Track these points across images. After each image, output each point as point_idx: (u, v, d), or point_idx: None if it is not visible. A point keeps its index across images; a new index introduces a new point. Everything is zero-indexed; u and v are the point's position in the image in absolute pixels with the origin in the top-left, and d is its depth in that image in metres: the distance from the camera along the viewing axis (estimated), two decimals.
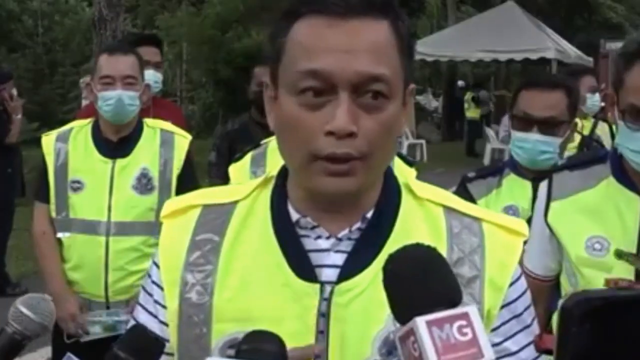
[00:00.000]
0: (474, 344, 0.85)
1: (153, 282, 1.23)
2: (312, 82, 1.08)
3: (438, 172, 12.04)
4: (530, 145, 2.54)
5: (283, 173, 1.21)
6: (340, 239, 1.15)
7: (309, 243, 1.16)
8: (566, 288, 2.07)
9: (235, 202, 1.21)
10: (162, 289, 1.21)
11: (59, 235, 3.13)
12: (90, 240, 3.08)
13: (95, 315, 3.13)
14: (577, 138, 4.18)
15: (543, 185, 2.10)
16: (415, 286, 0.91)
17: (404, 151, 16.60)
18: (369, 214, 1.15)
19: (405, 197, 1.19)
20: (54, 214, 3.13)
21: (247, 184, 1.26)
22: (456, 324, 0.86)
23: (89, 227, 3.08)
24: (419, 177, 1.25)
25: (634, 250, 1.88)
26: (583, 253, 1.95)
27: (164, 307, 1.21)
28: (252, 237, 1.18)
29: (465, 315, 0.87)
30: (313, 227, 1.16)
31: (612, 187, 1.95)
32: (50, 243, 3.15)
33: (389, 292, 0.94)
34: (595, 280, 1.87)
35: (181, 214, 1.22)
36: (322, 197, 1.13)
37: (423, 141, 17.64)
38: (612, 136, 4.72)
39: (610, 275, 1.82)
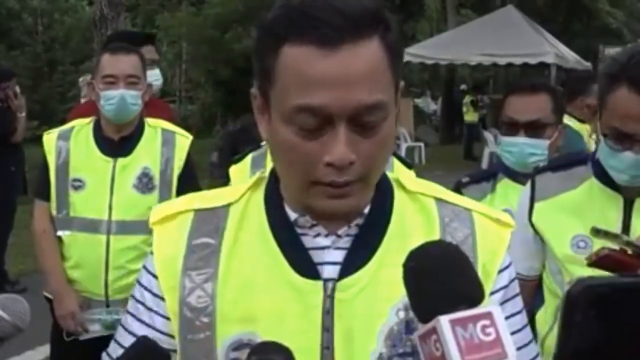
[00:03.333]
0: (498, 344, 0.84)
1: (149, 291, 1.21)
2: (308, 117, 1.05)
3: (436, 174, 12.04)
4: (517, 149, 2.59)
5: (275, 174, 1.20)
6: (339, 236, 1.16)
7: (308, 241, 1.16)
8: (550, 287, 2.12)
9: (228, 206, 1.21)
10: (162, 299, 1.19)
11: (59, 233, 3.14)
12: (91, 239, 3.08)
13: (95, 313, 3.14)
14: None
15: (526, 187, 2.14)
16: (437, 283, 0.90)
17: (402, 154, 16.60)
18: (366, 210, 1.16)
19: (398, 192, 1.21)
20: (54, 212, 3.13)
21: (236, 187, 1.25)
22: (480, 324, 0.85)
23: (90, 226, 3.09)
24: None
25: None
26: (569, 251, 2.00)
27: (164, 317, 1.20)
28: (250, 239, 1.18)
29: (488, 315, 0.86)
30: (312, 226, 1.16)
31: (594, 187, 1.99)
32: (50, 241, 3.16)
33: (409, 290, 0.93)
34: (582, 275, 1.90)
35: (172, 220, 1.21)
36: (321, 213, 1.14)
37: (421, 144, 17.62)
38: None
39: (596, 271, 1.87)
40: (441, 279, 0.90)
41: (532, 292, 2.19)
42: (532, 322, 2.19)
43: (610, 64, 1.88)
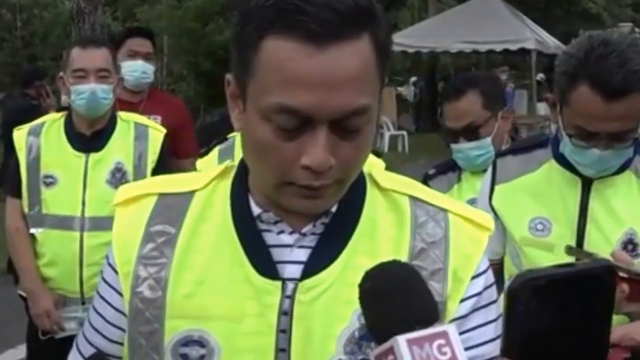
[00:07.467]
0: None
1: (109, 284, 1.17)
2: (287, 117, 0.99)
3: (420, 163, 12.05)
4: (462, 154, 2.64)
5: (244, 165, 1.14)
6: (304, 234, 1.10)
7: (270, 238, 1.11)
8: (510, 269, 2.14)
9: (193, 192, 1.16)
10: (120, 294, 1.15)
11: (32, 230, 3.10)
12: (64, 236, 3.05)
13: (70, 311, 3.11)
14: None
15: (488, 170, 2.17)
16: (393, 304, 0.89)
17: (386, 143, 16.61)
18: (334, 209, 1.10)
19: (370, 189, 1.15)
20: (26, 210, 3.09)
21: (204, 173, 1.20)
22: (436, 343, 0.86)
23: (63, 223, 3.05)
24: (404, 168, 1.24)
25: (574, 229, 1.96)
26: (526, 233, 2.02)
27: (123, 313, 1.15)
28: (210, 230, 1.12)
29: (444, 334, 0.87)
30: (275, 222, 1.11)
31: (553, 169, 2.02)
32: (23, 239, 3.12)
33: (365, 310, 0.92)
34: (539, 259, 1.97)
35: (135, 202, 1.17)
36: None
37: (404, 132, 17.64)
38: None
39: (553, 253, 1.94)
40: (397, 300, 0.90)
41: (496, 278, 2.20)
42: None
43: (567, 61, 1.83)
